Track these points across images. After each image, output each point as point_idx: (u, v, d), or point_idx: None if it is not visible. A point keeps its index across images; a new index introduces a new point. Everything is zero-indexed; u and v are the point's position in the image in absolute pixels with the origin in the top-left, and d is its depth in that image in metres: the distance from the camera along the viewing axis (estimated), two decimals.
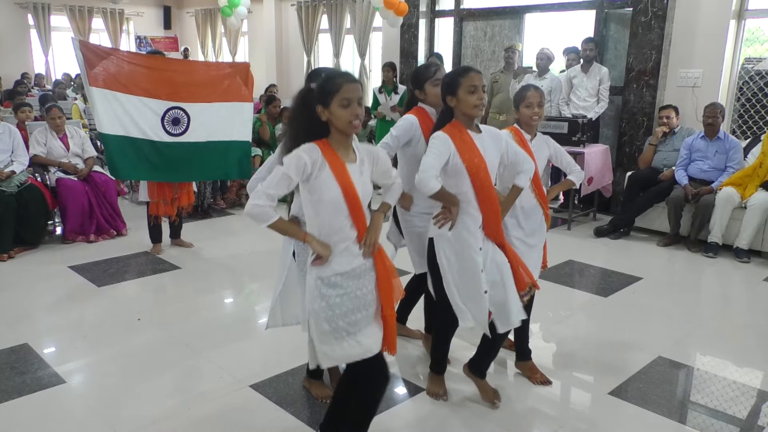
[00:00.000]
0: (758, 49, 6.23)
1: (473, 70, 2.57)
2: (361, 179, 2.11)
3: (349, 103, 2.02)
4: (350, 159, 2.11)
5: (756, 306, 4.19)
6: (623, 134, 6.21)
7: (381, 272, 2.18)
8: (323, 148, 2.05)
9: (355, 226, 2.11)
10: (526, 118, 2.90)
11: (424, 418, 2.75)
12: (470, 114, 2.54)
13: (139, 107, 4.51)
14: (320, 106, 2.05)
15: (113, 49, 4.63)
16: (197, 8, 13.88)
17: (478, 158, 2.54)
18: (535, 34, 7.46)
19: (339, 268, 2.10)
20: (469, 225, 2.57)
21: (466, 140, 2.55)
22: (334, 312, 2.09)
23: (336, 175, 2.04)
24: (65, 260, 4.77)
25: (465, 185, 2.54)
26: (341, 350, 2.11)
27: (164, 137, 4.60)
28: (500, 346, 2.87)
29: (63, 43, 13.39)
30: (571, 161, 3.14)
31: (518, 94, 2.92)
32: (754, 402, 2.93)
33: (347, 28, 10.27)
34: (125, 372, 3.12)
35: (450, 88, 2.55)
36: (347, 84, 2.03)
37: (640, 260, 4.98)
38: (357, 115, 2.04)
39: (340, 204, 2.06)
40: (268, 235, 2.39)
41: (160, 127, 4.58)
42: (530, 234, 2.95)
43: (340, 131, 2.07)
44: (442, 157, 2.49)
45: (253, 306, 4.17)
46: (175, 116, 4.61)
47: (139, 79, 4.51)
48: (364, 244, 2.13)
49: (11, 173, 4.92)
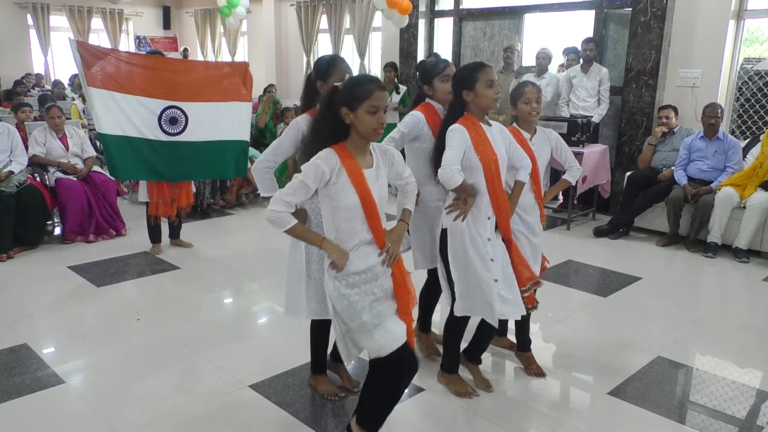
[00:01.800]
0: (757, 49, 6.23)
1: (487, 65, 2.64)
2: (377, 184, 2.14)
3: (376, 110, 2.05)
4: (367, 164, 2.14)
5: (755, 306, 4.19)
6: (623, 134, 6.21)
7: (398, 278, 2.21)
8: (341, 154, 2.08)
9: (371, 230, 2.14)
10: (524, 115, 2.92)
11: (423, 417, 2.76)
12: (488, 107, 2.62)
13: (136, 107, 4.51)
14: (345, 108, 2.06)
15: (111, 49, 4.63)
16: (197, 8, 13.88)
17: (491, 152, 2.61)
18: (534, 34, 7.46)
19: (354, 268, 2.13)
20: (481, 216, 2.62)
21: (481, 134, 2.61)
22: (356, 309, 2.12)
23: (354, 182, 2.07)
24: (64, 260, 4.76)
25: (477, 179, 2.60)
26: (373, 342, 2.14)
27: (161, 136, 4.60)
28: (493, 335, 2.94)
29: (62, 44, 13.38)
30: (570, 156, 3.16)
31: (515, 91, 2.95)
32: (754, 402, 2.94)
33: (347, 28, 10.27)
34: (125, 372, 3.11)
35: (467, 82, 2.60)
36: (378, 92, 2.05)
37: (640, 260, 4.99)
38: (382, 124, 2.07)
39: (357, 210, 2.09)
40: (267, 235, 2.40)
41: (157, 126, 4.58)
42: (531, 230, 2.98)
43: (361, 136, 2.09)
44: (461, 149, 2.54)
45: (253, 306, 4.17)
46: (172, 115, 4.61)
47: (136, 78, 4.51)
48: (387, 253, 2.16)
49: (9, 173, 4.92)
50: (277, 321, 3.87)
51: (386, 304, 2.19)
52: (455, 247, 2.65)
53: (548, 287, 4.17)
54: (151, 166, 4.63)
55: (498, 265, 2.66)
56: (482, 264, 2.63)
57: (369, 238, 2.15)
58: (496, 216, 2.66)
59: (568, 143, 5.51)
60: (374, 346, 2.14)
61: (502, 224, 2.68)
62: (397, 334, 2.16)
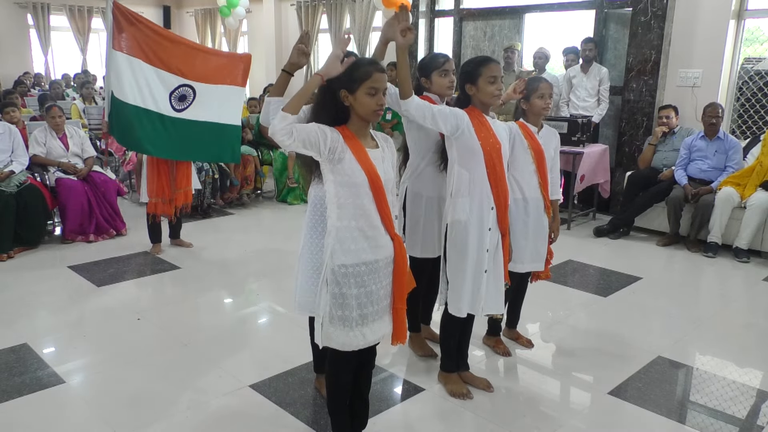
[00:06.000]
0: (758, 49, 6.23)
1: (493, 60, 2.65)
2: (383, 165, 2.14)
3: (376, 92, 2.05)
4: (370, 145, 2.14)
5: (755, 306, 4.19)
6: (623, 134, 6.21)
7: (399, 263, 2.19)
8: (343, 133, 2.07)
9: (380, 213, 2.12)
10: (537, 109, 2.97)
11: (423, 417, 2.75)
12: (489, 103, 2.64)
13: (155, 79, 4.52)
14: (345, 91, 2.06)
15: (143, 17, 4.62)
16: (197, 8, 13.88)
17: (493, 139, 2.63)
18: (534, 34, 7.46)
19: (366, 257, 2.10)
20: (483, 207, 2.64)
21: (483, 122, 2.64)
22: (348, 302, 2.10)
23: (358, 159, 2.06)
24: (65, 260, 4.76)
25: (479, 169, 2.60)
26: (346, 338, 2.13)
27: (170, 112, 4.59)
28: (471, 330, 2.97)
29: (62, 43, 13.40)
30: (556, 169, 3.18)
31: (531, 85, 2.96)
32: (754, 402, 2.93)
33: (347, 27, 10.27)
34: (125, 372, 3.11)
35: (470, 76, 2.62)
36: (377, 73, 2.05)
37: (640, 260, 4.99)
38: (382, 105, 2.07)
39: (364, 187, 2.07)
40: (268, 235, 2.39)
41: (167, 101, 4.57)
42: (536, 223, 3.02)
43: (361, 118, 2.09)
44: (449, 115, 2.56)
45: (253, 306, 4.17)
46: (183, 93, 4.61)
47: (159, 50, 4.51)
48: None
49: (10, 173, 4.92)
50: (277, 321, 3.87)
51: (376, 307, 2.16)
52: (455, 241, 2.66)
53: (548, 287, 4.17)
54: (158, 141, 4.60)
55: (491, 256, 2.69)
56: (478, 255, 2.66)
57: (379, 224, 2.11)
58: (496, 207, 2.66)
59: (568, 143, 5.60)
60: (344, 340, 2.13)
61: (501, 216, 2.68)
62: (369, 341, 2.18)
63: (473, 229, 2.63)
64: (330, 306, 2.12)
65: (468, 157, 2.60)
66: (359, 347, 2.17)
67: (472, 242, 2.64)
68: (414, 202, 3.00)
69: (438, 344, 3.08)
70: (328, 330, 2.14)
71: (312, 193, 2.49)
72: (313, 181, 2.36)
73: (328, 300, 2.12)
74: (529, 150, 2.95)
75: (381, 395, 2.88)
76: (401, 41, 2.46)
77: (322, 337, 2.16)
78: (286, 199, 6.85)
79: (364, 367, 2.35)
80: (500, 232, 2.70)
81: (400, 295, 2.22)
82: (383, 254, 2.15)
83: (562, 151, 3.80)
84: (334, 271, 2.09)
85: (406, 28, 2.45)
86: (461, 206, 2.63)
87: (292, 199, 6.81)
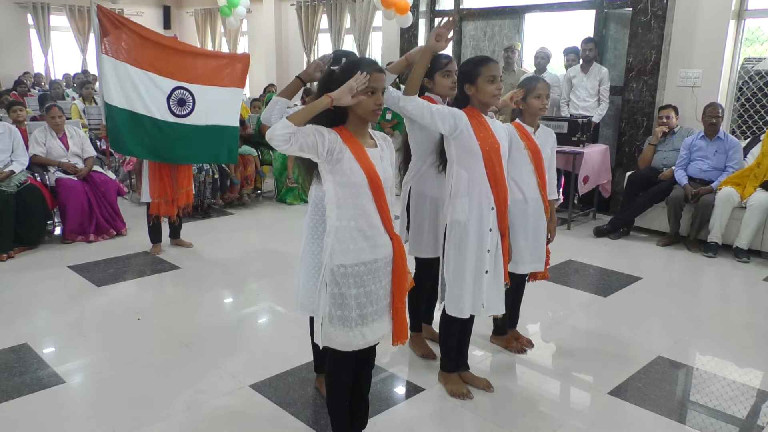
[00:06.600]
0: (758, 49, 6.23)
1: (492, 60, 2.65)
2: (382, 165, 2.14)
3: (374, 91, 2.05)
4: (369, 145, 2.14)
5: (755, 306, 4.19)
6: (623, 134, 6.21)
7: (399, 262, 2.19)
8: (341, 134, 2.07)
9: (379, 213, 2.12)
10: (534, 109, 2.96)
11: (423, 417, 2.75)
12: (488, 103, 2.64)
13: (147, 83, 4.50)
14: None
15: (129, 20, 4.63)
16: (197, 8, 13.88)
17: (492, 139, 2.63)
18: (534, 34, 7.46)
19: (364, 257, 2.11)
20: (483, 207, 2.63)
21: (482, 122, 2.64)
22: (347, 302, 2.10)
23: (357, 159, 2.06)
24: (65, 260, 4.76)
25: (478, 169, 2.60)
26: (345, 338, 2.14)
27: (168, 117, 4.58)
28: (471, 330, 2.96)
29: (62, 43, 13.39)
30: (553, 169, 3.18)
31: (527, 86, 2.96)
32: (754, 402, 2.93)
33: (347, 27, 10.27)
34: (125, 372, 3.11)
35: (469, 76, 2.62)
36: (375, 73, 2.06)
37: (640, 260, 4.99)
38: (380, 105, 2.08)
39: (364, 187, 2.07)
40: (268, 235, 2.39)
41: (166, 107, 4.56)
42: (534, 223, 3.02)
43: (360, 118, 2.10)
44: (447, 115, 2.55)
45: (253, 306, 4.17)
46: (181, 96, 4.60)
47: (149, 54, 4.50)
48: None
49: (10, 173, 4.92)
50: (277, 321, 3.87)
51: (376, 307, 2.16)
52: (454, 241, 2.66)
53: (548, 287, 4.17)
54: (153, 145, 4.59)
55: (492, 257, 2.68)
56: (478, 255, 2.65)
57: (378, 224, 2.12)
58: (496, 207, 2.66)
59: (568, 143, 5.60)
60: (344, 340, 2.14)
61: (501, 215, 2.68)
62: (369, 341, 2.18)
63: (473, 230, 2.63)
64: (329, 306, 2.12)
65: (466, 157, 2.60)
66: (359, 347, 2.17)
67: (471, 243, 2.64)
68: (418, 203, 3.00)
69: (438, 344, 3.08)
70: (328, 330, 2.14)
71: (313, 193, 2.49)
72: (314, 181, 2.37)
73: (327, 300, 2.12)
74: (525, 150, 2.95)
75: (381, 395, 2.88)
76: (438, 47, 2.51)
77: (322, 338, 2.16)
78: (285, 199, 6.85)
79: (364, 367, 2.36)
80: (500, 233, 2.70)
81: (400, 295, 2.22)
82: (382, 254, 2.15)
83: (562, 151, 3.80)
84: (333, 271, 2.09)
85: (447, 38, 2.52)
86: (460, 206, 2.63)
87: (291, 199, 6.81)
